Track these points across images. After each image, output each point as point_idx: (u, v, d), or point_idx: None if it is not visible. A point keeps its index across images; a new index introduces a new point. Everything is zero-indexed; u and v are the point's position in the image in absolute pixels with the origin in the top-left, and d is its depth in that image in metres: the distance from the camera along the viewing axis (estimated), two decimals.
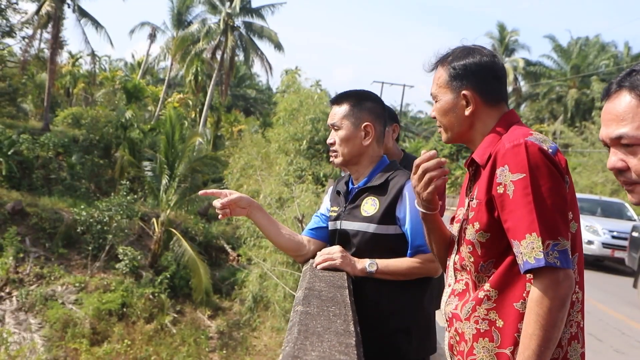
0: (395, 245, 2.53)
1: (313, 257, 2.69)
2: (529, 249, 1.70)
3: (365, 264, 2.49)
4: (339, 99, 2.70)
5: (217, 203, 2.67)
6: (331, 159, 2.74)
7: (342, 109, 2.66)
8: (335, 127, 2.66)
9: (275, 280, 16.22)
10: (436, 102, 2.06)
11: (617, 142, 1.42)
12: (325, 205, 2.91)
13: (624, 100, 1.41)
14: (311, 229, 2.88)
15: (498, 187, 1.80)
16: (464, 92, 1.97)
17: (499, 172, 1.79)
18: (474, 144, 2.03)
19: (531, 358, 1.68)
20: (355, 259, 2.53)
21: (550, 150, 1.79)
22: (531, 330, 1.68)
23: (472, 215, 1.92)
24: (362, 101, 2.67)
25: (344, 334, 1.61)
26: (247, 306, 19.48)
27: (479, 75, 1.97)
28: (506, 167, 1.77)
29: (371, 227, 2.53)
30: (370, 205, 2.57)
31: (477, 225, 1.89)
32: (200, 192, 2.86)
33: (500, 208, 1.80)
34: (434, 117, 2.11)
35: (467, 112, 1.98)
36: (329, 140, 2.70)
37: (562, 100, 43.89)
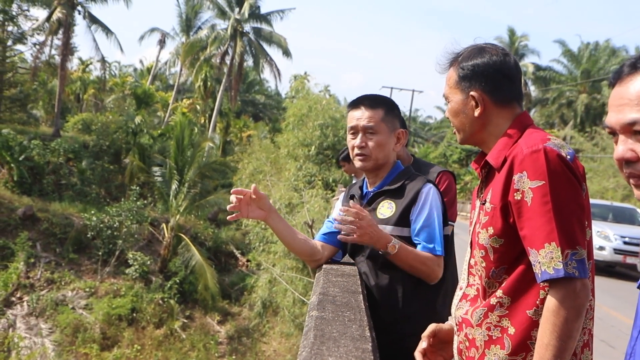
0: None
1: (327, 262, 2.69)
2: (547, 259, 1.66)
3: (390, 242, 2.44)
4: (373, 103, 2.66)
5: (233, 197, 2.61)
6: (357, 163, 2.67)
7: (379, 113, 2.62)
8: (371, 131, 2.61)
9: (284, 285, 16.20)
10: (448, 103, 2.02)
11: (629, 128, 1.29)
12: (337, 211, 2.89)
13: (638, 83, 1.28)
14: (324, 234, 2.84)
15: (515, 194, 1.76)
16: (472, 93, 1.93)
17: (517, 178, 1.75)
18: (486, 146, 1.99)
19: None
20: (380, 232, 2.47)
21: (569, 157, 1.75)
22: (547, 340, 1.65)
23: (486, 220, 1.87)
24: (394, 108, 2.68)
25: (360, 339, 1.61)
26: (256, 311, 19.46)
27: (488, 76, 1.92)
28: (524, 174, 1.73)
29: (387, 229, 2.51)
30: (386, 208, 2.56)
31: (490, 230, 1.85)
32: (233, 191, 2.67)
33: (516, 215, 1.76)
34: (448, 118, 2.07)
35: (476, 114, 1.94)
36: (358, 143, 2.63)
37: (572, 105, 43.75)
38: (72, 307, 19.30)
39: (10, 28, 29.09)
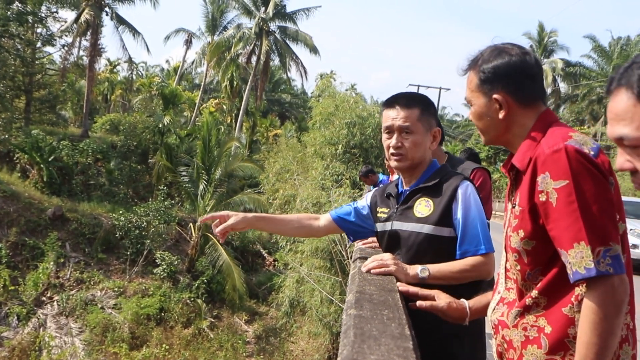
0: (448, 248, 2.47)
1: (326, 233, 2.95)
2: (578, 259, 1.64)
3: (417, 270, 2.41)
4: (409, 102, 2.62)
5: (216, 230, 2.79)
6: (393, 163, 2.65)
7: (415, 112, 2.59)
8: (408, 131, 2.58)
9: (312, 284, 16.14)
10: (471, 106, 2.02)
11: (620, 142, 1.34)
12: (365, 201, 2.88)
13: (621, 99, 1.32)
14: (340, 216, 2.89)
15: (540, 195, 1.74)
16: (495, 96, 1.92)
17: (540, 180, 1.74)
18: (512, 146, 1.98)
19: None
20: (407, 265, 2.45)
21: (592, 153, 1.71)
22: (587, 338, 1.62)
23: (517, 223, 1.87)
24: (429, 106, 2.64)
25: (400, 337, 1.59)
26: (283, 311, 19.42)
27: (509, 77, 1.91)
28: (547, 174, 1.72)
29: (425, 228, 2.47)
30: (424, 207, 2.51)
31: (521, 233, 1.85)
32: (200, 219, 3.01)
33: (544, 216, 1.75)
34: (472, 121, 2.07)
35: (500, 116, 1.93)
36: (395, 143, 2.60)
37: (603, 101, 43.17)
38: (101, 307, 19.48)
39: (39, 30, 29.48)
